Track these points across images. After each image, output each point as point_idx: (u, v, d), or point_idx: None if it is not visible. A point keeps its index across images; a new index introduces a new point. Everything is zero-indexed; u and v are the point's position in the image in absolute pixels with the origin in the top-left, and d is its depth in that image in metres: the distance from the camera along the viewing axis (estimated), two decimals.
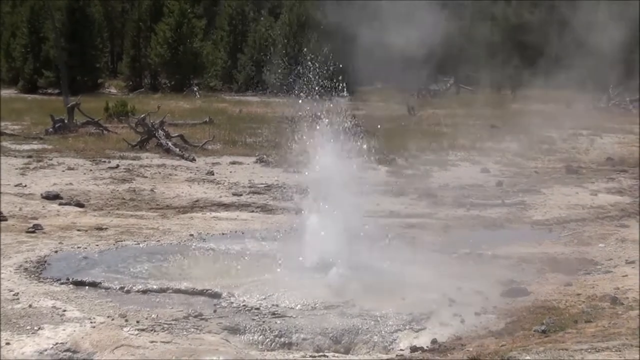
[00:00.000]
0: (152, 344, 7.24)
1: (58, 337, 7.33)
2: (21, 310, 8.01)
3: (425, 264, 10.10)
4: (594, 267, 10.52)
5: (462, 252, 11.19)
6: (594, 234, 12.63)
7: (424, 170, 19.03)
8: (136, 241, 11.30)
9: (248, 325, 7.86)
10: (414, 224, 13.12)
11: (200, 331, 7.67)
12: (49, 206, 13.77)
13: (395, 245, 10.70)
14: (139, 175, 17.41)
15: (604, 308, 8.30)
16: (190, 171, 18.18)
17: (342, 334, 7.88)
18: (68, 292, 8.78)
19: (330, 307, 8.37)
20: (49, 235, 11.46)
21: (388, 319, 8.14)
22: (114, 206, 14.16)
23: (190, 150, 20.83)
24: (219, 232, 12.13)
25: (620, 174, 19.42)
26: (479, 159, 21.16)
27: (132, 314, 7.97)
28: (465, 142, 23.86)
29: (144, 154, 20.26)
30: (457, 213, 14.17)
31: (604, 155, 22.68)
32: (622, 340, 6.87)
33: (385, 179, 17.79)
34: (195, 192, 15.69)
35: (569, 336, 7.27)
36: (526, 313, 8.30)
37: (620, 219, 13.88)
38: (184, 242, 11.36)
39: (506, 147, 23.50)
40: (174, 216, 13.46)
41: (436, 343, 7.67)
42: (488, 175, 18.53)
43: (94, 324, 7.68)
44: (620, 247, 11.61)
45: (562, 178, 18.45)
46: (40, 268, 9.65)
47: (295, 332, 7.83)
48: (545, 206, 14.88)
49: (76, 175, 17.09)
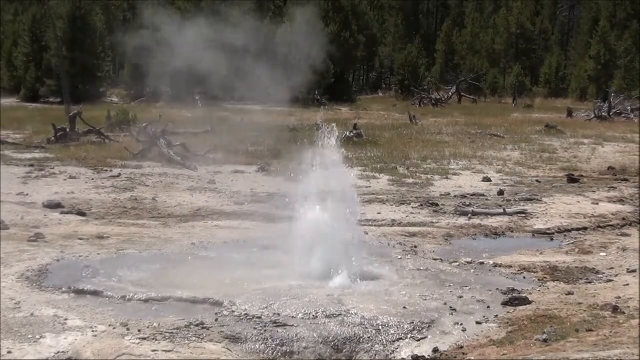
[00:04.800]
0: (153, 353, 7.25)
1: (60, 345, 7.34)
2: (23, 319, 8.02)
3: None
4: (595, 276, 10.53)
5: (464, 261, 11.19)
6: (595, 243, 12.64)
7: (425, 179, 19.05)
8: (138, 250, 11.30)
9: (250, 334, 7.86)
10: (415, 232, 13.13)
11: (201, 340, 7.67)
12: (51, 215, 13.78)
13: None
14: (140, 184, 17.43)
15: (605, 317, 8.30)
16: (192, 180, 18.19)
17: (344, 343, 7.87)
18: (70, 300, 8.79)
19: (332, 315, 8.36)
20: (51, 244, 11.46)
21: (389, 328, 8.14)
22: (115, 215, 14.17)
23: (192, 159, 20.85)
24: (220, 240, 12.12)
25: (622, 182, 19.44)
26: (481, 167, 21.19)
27: (134, 323, 7.97)
28: (468, 151, 23.92)
29: (146, 163, 20.29)
30: (459, 222, 14.17)
31: (605, 164, 22.70)
32: (623, 349, 6.86)
33: (387, 188, 17.80)
34: (197, 200, 15.70)
35: (571, 345, 7.27)
36: (527, 322, 8.30)
37: (621, 228, 13.89)
38: (186, 250, 11.37)
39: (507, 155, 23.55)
40: (175, 225, 13.46)
41: (438, 352, 7.68)
42: (490, 184, 18.54)
43: (96, 332, 7.68)
44: (621, 256, 11.61)
45: (564, 187, 18.46)
46: (42, 277, 9.66)
47: (296, 340, 7.83)
48: (547, 215, 14.88)
49: (78, 184, 17.11)
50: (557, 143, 27.13)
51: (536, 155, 23.82)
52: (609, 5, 63.25)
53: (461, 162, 22.01)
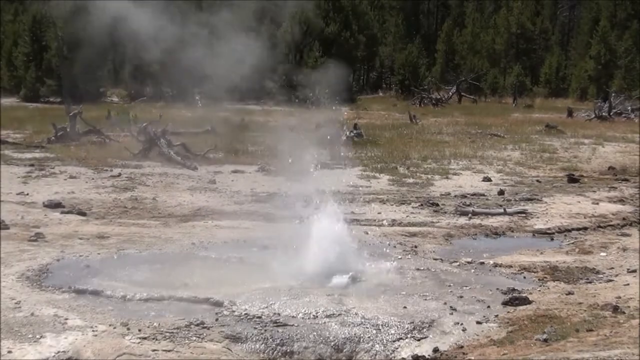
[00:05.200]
0: (153, 353, 7.25)
1: (60, 345, 7.34)
2: (23, 318, 8.01)
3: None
4: (595, 275, 10.53)
5: (464, 261, 11.19)
6: (595, 243, 12.64)
7: (425, 179, 19.05)
8: (138, 249, 11.29)
9: (250, 334, 7.86)
10: (415, 232, 13.13)
11: (202, 340, 7.67)
12: (51, 215, 13.78)
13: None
14: (140, 183, 17.43)
15: (605, 317, 8.29)
16: (192, 180, 18.19)
17: (344, 343, 7.87)
18: (70, 300, 8.79)
19: (332, 315, 8.37)
20: (51, 244, 11.46)
21: (390, 327, 8.14)
22: (115, 214, 14.17)
23: (192, 158, 20.85)
24: (220, 240, 12.11)
25: (622, 182, 19.43)
26: (481, 167, 21.19)
27: (134, 323, 7.97)
28: (468, 151, 23.92)
29: (146, 163, 20.28)
30: (459, 221, 14.17)
31: (605, 164, 22.69)
32: (623, 349, 6.86)
33: (387, 188, 17.80)
34: (197, 200, 15.69)
35: (571, 345, 7.27)
36: (528, 322, 8.30)
37: (621, 228, 13.89)
38: (186, 250, 11.36)
39: (508, 155, 23.55)
40: (175, 224, 13.46)
41: (438, 352, 7.68)
42: (490, 184, 18.54)
43: (96, 332, 7.68)
44: (621, 256, 11.61)
45: (564, 187, 18.46)
46: (42, 276, 9.66)
47: (297, 340, 7.83)
48: (547, 215, 14.88)
49: (78, 183, 17.11)
50: (558, 143, 27.14)
51: (536, 155, 23.82)
52: (609, 5, 63.28)
53: (461, 162, 22.01)
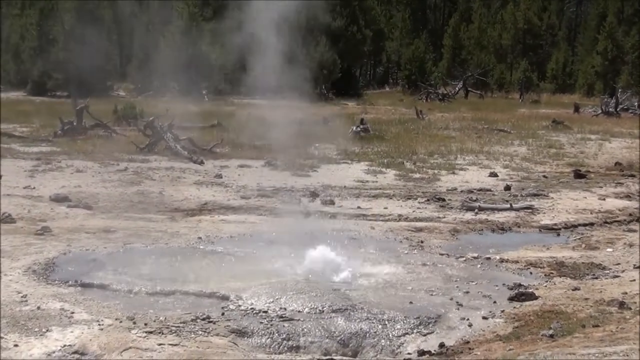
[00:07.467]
0: (160, 347, 7.25)
1: (66, 339, 7.36)
2: (29, 312, 8.04)
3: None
4: (601, 271, 10.51)
5: (470, 256, 11.19)
6: (602, 239, 12.62)
7: (432, 174, 19.03)
8: (144, 244, 11.31)
9: (256, 328, 7.86)
10: (422, 227, 13.12)
11: (208, 334, 7.68)
12: (58, 208, 13.79)
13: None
14: (147, 177, 17.43)
15: (611, 312, 8.29)
16: (199, 174, 18.18)
17: (350, 338, 7.88)
18: (76, 294, 8.81)
19: (338, 310, 8.37)
20: (57, 238, 11.48)
21: (396, 323, 8.15)
22: (122, 209, 14.17)
23: (198, 153, 20.84)
24: (227, 234, 12.13)
25: (629, 178, 19.40)
26: (488, 162, 21.16)
27: (140, 317, 7.99)
28: (474, 146, 23.88)
29: (153, 157, 20.28)
30: (465, 217, 14.16)
31: (612, 160, 22.65)
32: (629, 344, 6.85)
33: (393, 183, 17.79)
34: (204, 194, 15.69)
35: (577, 340, 7.26)
36: (534, 317, 8.29)
37: (628, 224, 13.88)
38: (192, 244, 11.38)
39: (514, 151, 23.50)
40: (182, 219, 13.47)
41: (444, 347, 7.67)
42: (496, 180, 18.51)
43: (102, 326, 7.70)
44: (628, 252, 11.59)
45: (570, 182, 18.43)
46: (49, 270, 9.68)
47: (302, 335, 7.83)
48: (554, 210, 14.86)
49: (84, 177, 17.12)
50: (564, 138, 27.07)
51: (543, 151, 23.76)
52: (616, 1, 63.03)
53: (468, 157, 21.97)
